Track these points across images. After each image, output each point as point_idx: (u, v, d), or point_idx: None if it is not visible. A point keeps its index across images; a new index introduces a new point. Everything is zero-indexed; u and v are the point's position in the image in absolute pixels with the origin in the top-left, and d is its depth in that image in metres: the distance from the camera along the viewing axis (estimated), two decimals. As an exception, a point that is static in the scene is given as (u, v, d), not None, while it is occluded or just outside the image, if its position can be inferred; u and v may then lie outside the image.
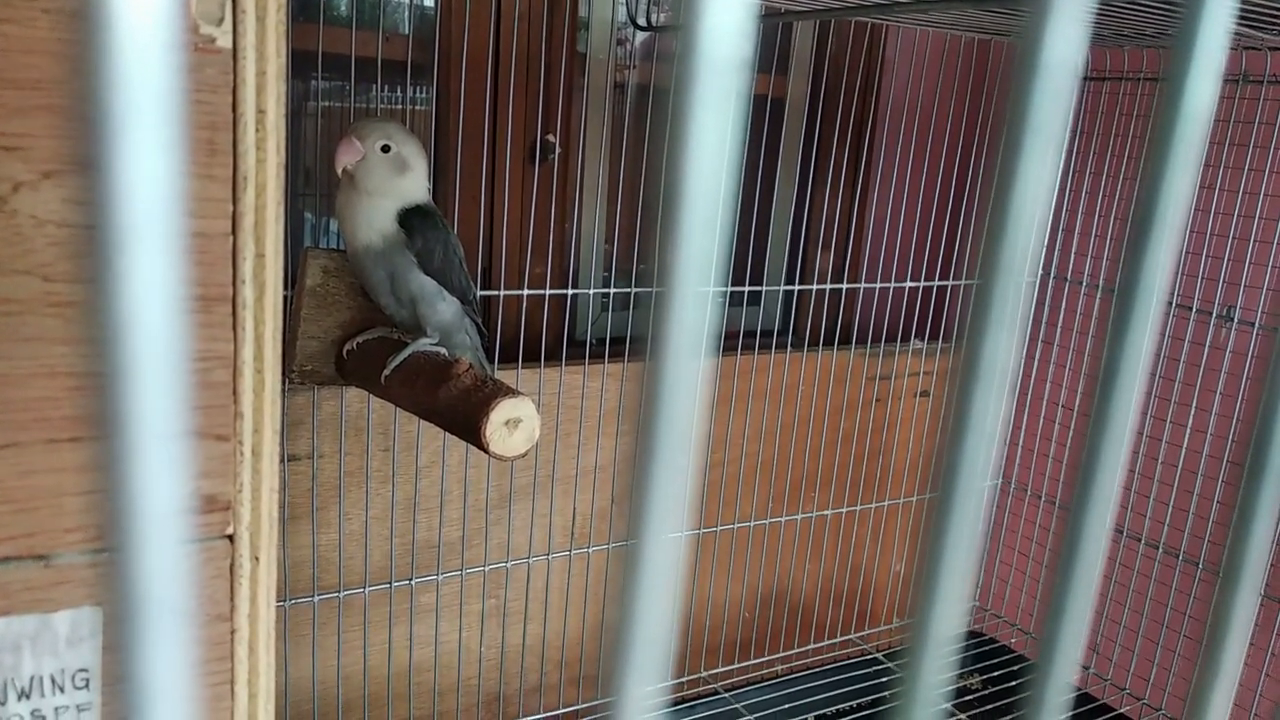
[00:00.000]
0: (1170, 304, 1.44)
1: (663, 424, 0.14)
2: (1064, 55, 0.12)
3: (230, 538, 0.45)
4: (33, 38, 0.38)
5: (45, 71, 0.38)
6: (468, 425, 0.87)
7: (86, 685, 0.44)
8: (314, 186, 1.26)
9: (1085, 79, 1.54)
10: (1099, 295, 1.55)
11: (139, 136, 0.10)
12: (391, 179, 0.92)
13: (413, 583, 1.24)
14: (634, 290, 1.37)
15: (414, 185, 0.94)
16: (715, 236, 0.12)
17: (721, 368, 1.41)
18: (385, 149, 0.91)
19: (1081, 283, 1.57)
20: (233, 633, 0.46)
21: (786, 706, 1.56)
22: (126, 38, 0.10)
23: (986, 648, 1.68)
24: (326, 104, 1.24)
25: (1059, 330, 1.60)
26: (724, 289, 1.44)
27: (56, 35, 0.38)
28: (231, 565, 0.45)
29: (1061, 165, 1.56)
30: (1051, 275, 1.60)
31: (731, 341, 1.45)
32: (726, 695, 1.53)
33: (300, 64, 1.13)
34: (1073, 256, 1.58)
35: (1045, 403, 1.63)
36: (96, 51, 0.10)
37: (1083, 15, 0.12)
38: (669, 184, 0.12)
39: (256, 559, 0.46)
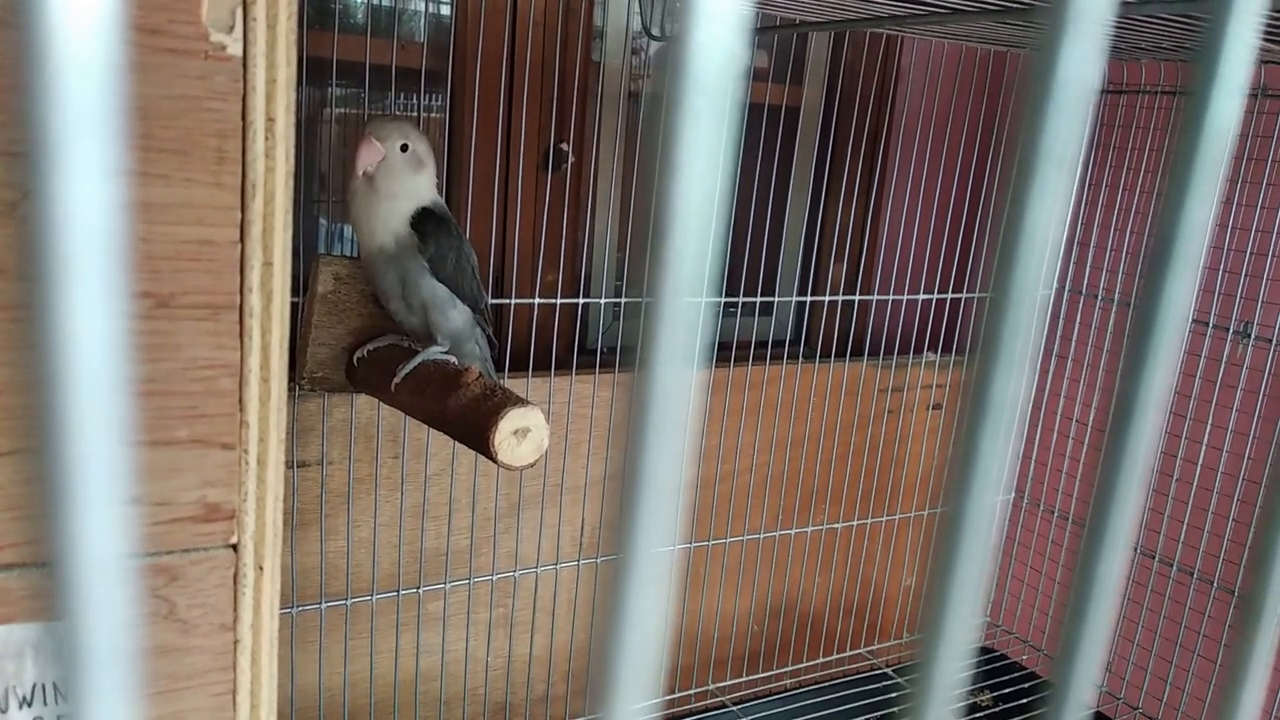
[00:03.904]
0: (1187, 320, 1.43)
1: (652, 436, 0.13)
2: (1080, 74, 0.12)
3: (234, 547, 0.45)
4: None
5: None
6: (476, 434, 0.87)
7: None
8: (329, 192, 1.27)
9: (1101, 92, 1.53)
10: (1114, 309, 1.54)
11: (78, 138, 0.10)
12: (410, 178, 0.92)
13: (420, 591, 1.24)
14: (645, 299, 1.36)
15: (427, 184, 0.94)
16: (707, 249, 0.12)
17: (733, 378, 1.41)
18: (404, 148, 0.92)
19: (1096, 296, 1.55)
20: (235, 643, 0.46)
21: (795, 720, 1.55)
22: (66, 42, 0.10)
23: (998, 664, 1.67)
24: (342, 110, 1.25)
25: (1073, 344, 1.58)
26: (736, 299, 1.44)
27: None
28: (235, 574, 0.45)
29: (1077, 179, 1.55)
30: (1066, 289, 1.59)
31: (743, 352, 1.45)
32: (734, 709, 1.52)
33: (316, 71, 1.13)
34: (1088, 270, 1.56)
35: (1059, 417, 1.61)
36: (33, 55, 0.09)
37: (1100, 33, 0.12)
38: (659, 199, 0.11)
39: (260, 568, 0.46)
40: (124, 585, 0.12)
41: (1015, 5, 0.99)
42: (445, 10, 1.26)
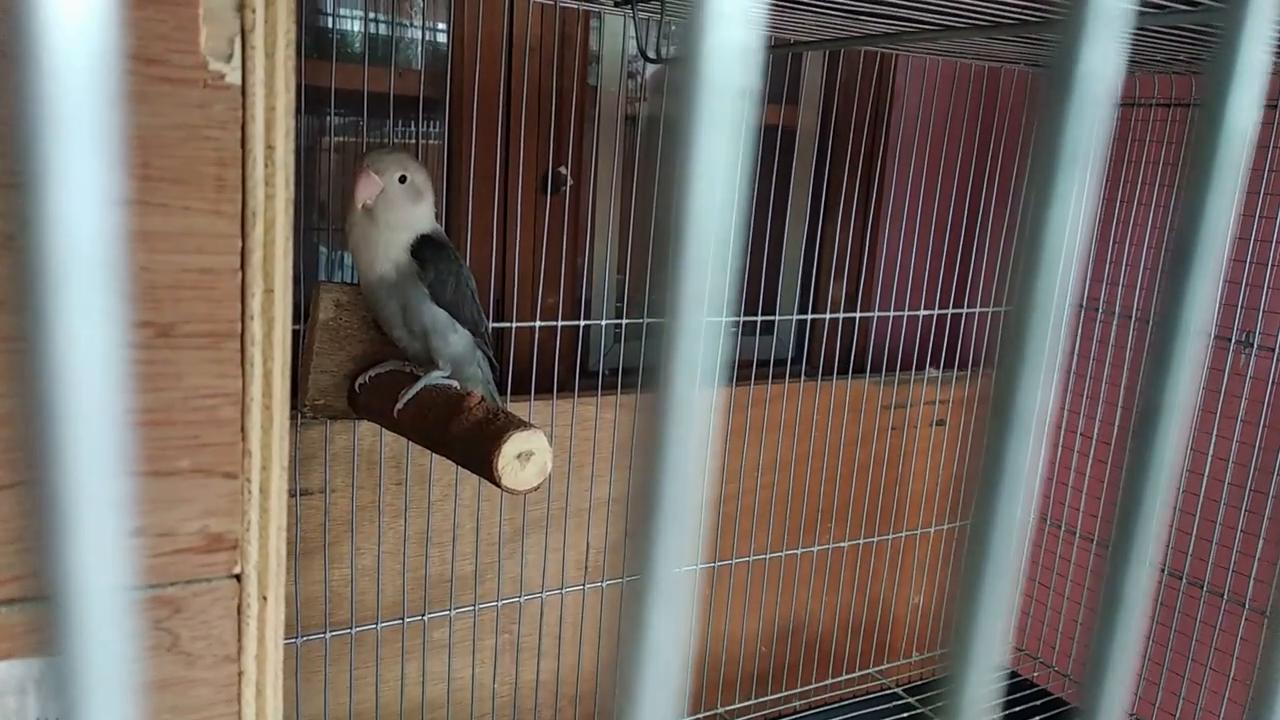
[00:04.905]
0: (1208, 326, 1.43)
1: (666, 458, 0.13)
2: (1101, 72, 0.11)
3: (238, 577, 0.45)
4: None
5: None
6: (479, 458, 0.86)
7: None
8: (329, 220, 1.27)
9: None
10: (1114, 322, 1.54)
11: (73, 167, 0.09)
12: (408, 209, 0.93)
13: (425, 618, 1.23)
14: (646, 321, 1.36)
15: (426, 213, 0.95)
16: (720, 266, 0.12)
17: (735, 397, 1.40)
18: (402, 179, 0.92)
19: (1097, 309, 1.55)
20: (240, 674, 0.45)
21: (805, 743, 1.53)
22: (60, 68, 0.09)
23: (1013, 682, 1.65)
24: (341, 139, 1.25)
25: (1075, 358, 1.58)
26: (737, 318, 1.43)
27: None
28: (239, 605, 0.45)
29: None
30: (1068, 302, 1.59)
31: (745, 371, 1.45)
32: (744, 731, 1.50)
33: (314, 100, 1.14)
34: (1087, 283, 1.56)
35: (1063, 431, 1.61)
36: (28, 81, 0.09)
37: (1120, 30, 0.11)
38: (672, 213, 0.11)
39: (264, 598, 0.45)
40: (122, 619, 0.11)
41: (1005, 20, 0.99)
42: (442, 38, 1.27)
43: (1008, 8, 0.92)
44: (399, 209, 0.92)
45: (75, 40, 0.10)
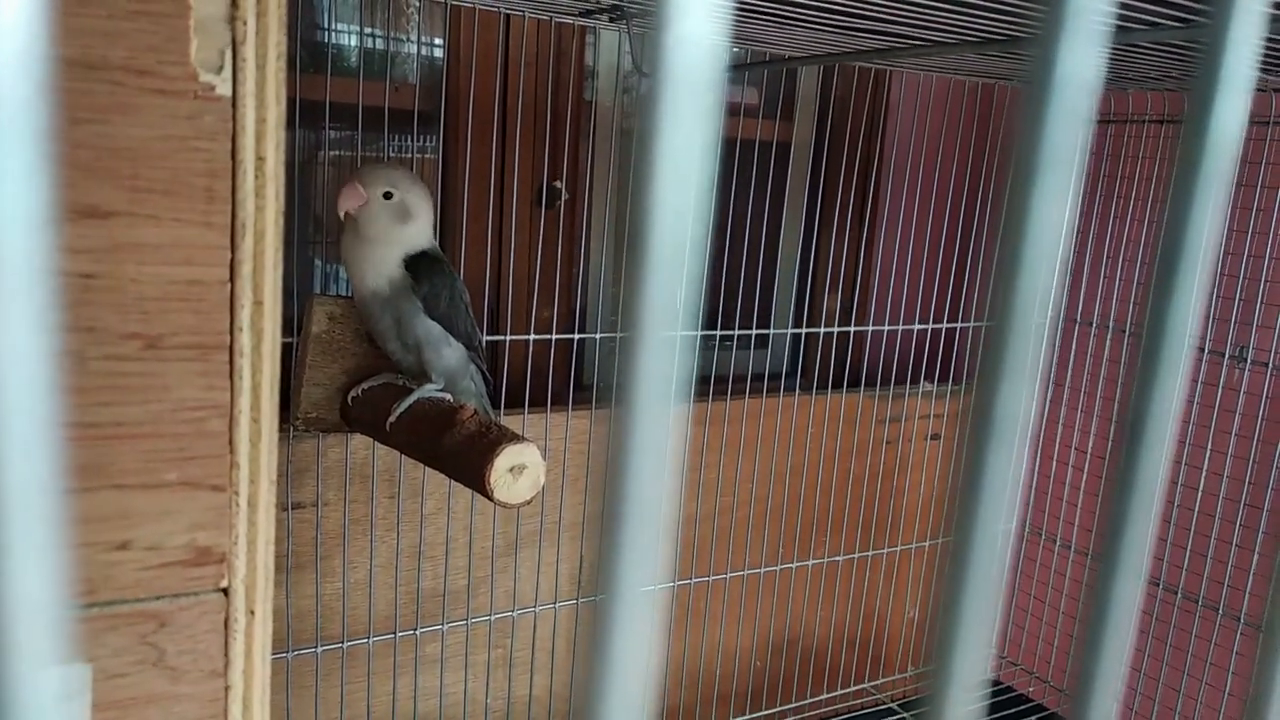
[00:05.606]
0: (1193, 333, 1.43)
1: (630, 475, 0.13)
2: (1080, 76, 0.11)
3: (225, 591, 0.44)
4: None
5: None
6: (472, 472, 0.86)
7: (75, 745, 0.43)
8: (324, 233, 1.27)
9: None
10: (1109, 335, 1.54)
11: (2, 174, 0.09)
12: (393, 226, 0.92)
13: (418, 632, 1.22)
14: (620, 335, 1.36)
15: (418, 232, 0.94)
16: (685, 275, 0.11)
17: (730, 411, 1.40)
18: (388, 195, 0.92)
19: (1091, 324, 1.56)
20: (227, 689, 0.45)
21: (800, 759, 1.52)
22: None
23: (1002, 696, 1.65)
24: (337, 153, 1.25)
25: (1069, 371, 1.58)
26: (731, 332, 1.43)
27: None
28: (226, 619, 0.44)
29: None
30: (1061, 316, 1.59)
31: (740, 385, 1.45)
32: (738, 747, 1.49)
33: (310, 114, 1.14)
34: (1081, 297, 1.57)
35: (1057, 444, 1.61)
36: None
37: (1098, 31, 0.11)
38: (634, 217, 0.11)
39: (252, 613, 0.45)
40: (55, 635, 0.11)
41: (994, 36, 1.00)
42: (438, 53, 1.27)
43: (998, 23, 0.93)
44: (380, 224, 0.91)
45: (3, 43, 0.10)
